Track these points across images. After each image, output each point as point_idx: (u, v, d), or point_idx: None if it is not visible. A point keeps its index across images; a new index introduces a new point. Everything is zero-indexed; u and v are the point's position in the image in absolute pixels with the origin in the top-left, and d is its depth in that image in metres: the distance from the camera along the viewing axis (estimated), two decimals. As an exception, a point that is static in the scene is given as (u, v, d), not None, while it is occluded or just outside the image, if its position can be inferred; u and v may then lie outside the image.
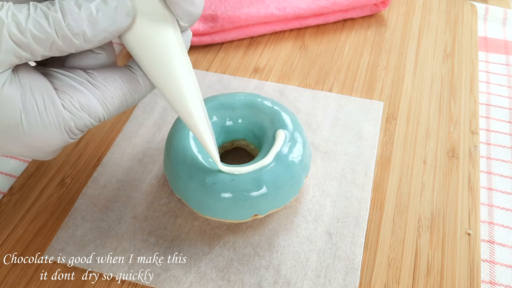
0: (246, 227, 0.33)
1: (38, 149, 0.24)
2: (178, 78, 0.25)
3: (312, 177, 0.36)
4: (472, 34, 0.48)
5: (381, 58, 0.46)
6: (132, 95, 0.26)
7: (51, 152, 0.26)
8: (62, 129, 0.24)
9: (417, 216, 0.34)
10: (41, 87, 0.23)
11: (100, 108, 0.24)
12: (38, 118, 0.23)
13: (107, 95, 0.24)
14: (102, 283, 0.31)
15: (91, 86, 0.24)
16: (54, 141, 0.24)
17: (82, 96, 0.24)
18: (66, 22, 0.21)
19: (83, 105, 0.24)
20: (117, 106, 0.25)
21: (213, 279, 0.30)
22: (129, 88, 0.25)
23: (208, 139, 0.27)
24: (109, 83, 0.25)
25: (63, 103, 0.23)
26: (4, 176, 0.37)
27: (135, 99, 0.26)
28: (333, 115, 0.40)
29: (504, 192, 0.36)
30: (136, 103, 0.27)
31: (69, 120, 0.23)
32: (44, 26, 0.21)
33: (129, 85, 0.25)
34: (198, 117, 0.26)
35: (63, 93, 0.23)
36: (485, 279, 0.31)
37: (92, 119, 0.24)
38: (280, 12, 0.47)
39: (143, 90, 0.26)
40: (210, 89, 0.43)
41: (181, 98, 0.25)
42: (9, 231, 0.33)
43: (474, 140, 0.38)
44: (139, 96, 0.26)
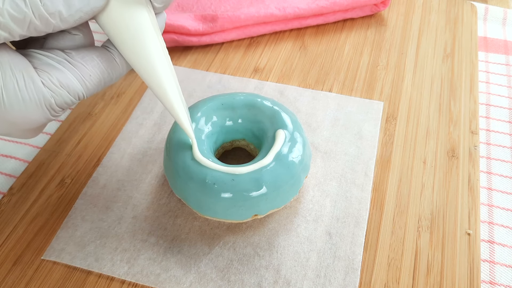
0: (246, 227, 0.33)
1: (19, 127, 0.25)
2: (152, 58, 0.26)
3: (312, 177, 0.36)
4: (472, 34, 0.48)
5: (381, 58, 0.46)
6: (109, 73, 0.27)
7: (32, 130, 0.26)
8: (42, 106, 0.24)
9: (417, 216, 0.34)
10: (20, 66, 0.23)
11: (79, 85, 0.25)
12: (19, 95, 0.23)
13: (85, 74, 0.25)
14: (102, 283, 0.31)
15: (69, 65, 0.25)
16: (35, 118, 0.25)
17: (61, 74, 0.24)
18: (42, 2, 0.22)
19: (62, 82, 0.24)
20: (95, 84, 0.26)
21: (213, 279, 0.30)
22: (106, 67, 0.26)
23: (182, 115, 0.28)
24: (87, 62, 0.26)
25: (42, 80, 0.24)
26: (4, 176, 0.37)
27: (113, 77, 0.27)
28: (333, 115, 0.40)
29: (504, 192, 0.36)
30: (114, 81, 0.28)
31: (49, 97, 0.24)
32: (21, 6, 0.22)
33: (107, 64, 0.26)
34: (172, 95, 0.27)
35: (42, 71, 0.24)
36: (485, 279, 0.31)
37: (72, 96, 0.25)
38: (280, 12, 0.47)
39: (120, 68, 0.27)
40: (210, 89, 0.43)
41: (155, 77, 0.26)
42: (9, 231, 0.33)
43: (474, 140, 0.38)
44: (116, 74, 0.27)
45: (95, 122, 0.41)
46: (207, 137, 0.33)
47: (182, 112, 0.28)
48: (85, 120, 0.41)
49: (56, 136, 0.40)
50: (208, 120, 0.33)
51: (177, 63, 0.46)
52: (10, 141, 0.40)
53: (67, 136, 0.39)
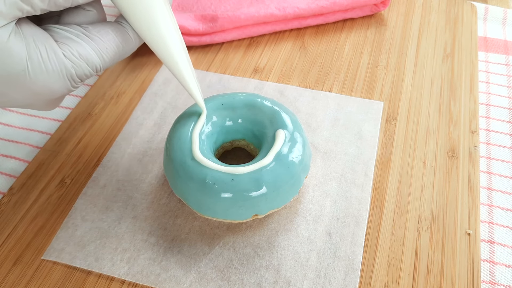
0: (246, 227, 0.33)
1: (42, 97, 0.26)
2: (163, 31, 0.28)
3: (312, 177, 0.36)
4: (472, 34, 0.48)
5: (381, 58, 0.46)
6: (124, 47, 0.28)
7: (52, 102, 0.28)
8: (64, 76, 0.26)
9: (417, 216, 0.34)
10: (42, 38, 0.25)
11: (96, 58, 0.27)
12: (42, 66, 0.25)
13: (102, 46, 0.27)
14: (102, 283, 0.31)
15: (87, 38, 0.26)
16: (57, 88, 0.26)
17: (80, 47, 0.26)
18: None
19: (81, 54, 0.26)
20: (111, 57, 0.28)
21: (213, 279, 0.30)
22: (121, 41, 0.28)
23: (193, 86, 0.31)
24: (103, 35, 0.27)
25: (63, 52, 0.25)
26: (4, 176, 0.37)
27: (127, 51, 0.29)
28: (333, 115, 0.40)
29: (504, 192, 0.36)
30: (127, 55, 0.29)
31: (70, 68, 0.26)
32: None
33: (121, 38, 0.28)
34: (183, 67, 0.29)
35: (63, 44, 0.26)
36: (485, 279, 0.31)
37: (90, 68, 0.27)
38: (280, 12, 0.47)
39: (133, 42, 0.29)
40: (210, 89, 0.43)
41: (166, 49, 0.28)
42: (9, 231, 0.33)
43: (474, 140, 0.38)
44: (129, 48, 0.29)
45: (95, 122, 0.41)
46: (207, 137, 0.33)
47: (193, 83, 0.30)
48: (85, 120, 0.41)
49: (56, 136, 0.40)
50: (208, 120, 0.33)
51: (177, 63, 0.46)
52: (10, 141, 0.40)
53: (67, 136, 0.39)
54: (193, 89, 0.31)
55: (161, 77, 0.44)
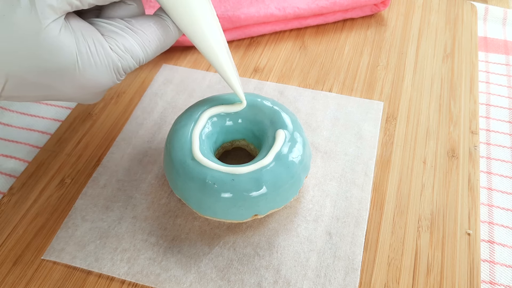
0: (246, 227, 0.33)
1: (88, 90, 0.27)
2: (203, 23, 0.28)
3: (312, 177, 0.36)
4: (472, 34, 0.48)
5: (381, 58, 0.46)
6: (165, 39, 0.29)
7: (98, 93, 0.29)
8: (111, 69, 0.27)
9: (417, 216, 0.34)
10: (90, 32, 0.26)
11: (140, 51, 0.28)
12: (91, 59, 0.26)
13: (145, 39, 0.28)
14: (102, 283, 0.31)
15: (130, 31, 0.27)
16: (104, 81, 0.27)
17: (125, 40, 0.27)
18: None
19: (126, 47, 0.27)
20: (154, 49, 0.28)
21: (213, 279, 0.30)
22: (162, 33, 0.29)
23: (233, 79, 0.31)
24: (146, 28, 0.28)
25: (110, 45, 0.26)
26: (4, 176, 0.37)
27: (167, 43, 0.29)
28: (333, 115, 0.40)
29: (504, 192, 0.36)
30: (168, 47, 0.30)
31: (117, 61, 0.27)
32: None
33: (162, 30, 0.29)
34: (223, 59, 0.30)
35: (109, 37, 0.26)
36: (485, 279, 0.31)
37: (134, 60, 0.28)
38: (280, 12, 0.47)
39: (173, 34, 0.29)
40: (210, 89, 0.43)
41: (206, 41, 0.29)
42: (9, 231, 0.33)
43: (474, 140, 0.38)
44: (170, 40, 0.30)
45: (95, 122, 0.41)
46: (207, 137, 0.33)
47: (233, 75, 0.31)
48: (85, 120, 0.41)
49: (56, 136, 0.40)
50: (208, 120, 0.33)
51: (177, 63, 0.46)
52: (10, 141, 0.40)
53: (67, 136, 0.39)
54: (233, 81, 0.31)
55: (161, 77, 0.44)
